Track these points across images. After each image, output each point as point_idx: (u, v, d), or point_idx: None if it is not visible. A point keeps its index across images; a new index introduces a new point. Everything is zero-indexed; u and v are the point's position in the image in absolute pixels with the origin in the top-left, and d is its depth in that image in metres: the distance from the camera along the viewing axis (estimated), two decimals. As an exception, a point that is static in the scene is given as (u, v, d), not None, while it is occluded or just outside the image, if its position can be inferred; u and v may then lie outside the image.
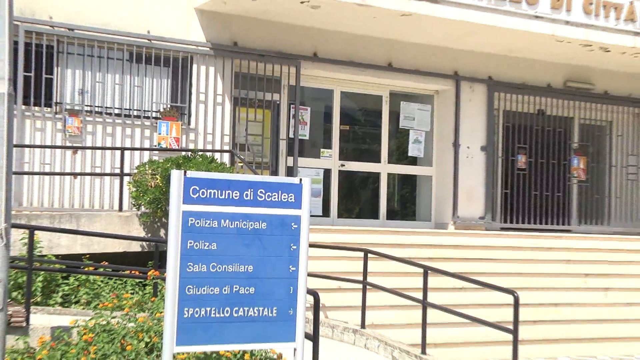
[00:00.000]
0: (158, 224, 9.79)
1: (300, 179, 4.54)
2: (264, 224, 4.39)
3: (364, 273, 9.12)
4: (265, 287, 4.38)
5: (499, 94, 13.81)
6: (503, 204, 14.07)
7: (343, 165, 13.02)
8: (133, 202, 9.87)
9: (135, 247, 9.59)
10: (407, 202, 14.13)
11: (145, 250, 9.58)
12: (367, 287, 9.11)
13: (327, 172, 12.90)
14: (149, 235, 9.74)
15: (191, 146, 11.08)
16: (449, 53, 13.26)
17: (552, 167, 14.49)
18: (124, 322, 6.08)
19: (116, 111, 10.89)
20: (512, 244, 12.25)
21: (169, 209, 4.16)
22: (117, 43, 10.80)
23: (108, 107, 10.85)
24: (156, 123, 11.04)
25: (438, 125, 13.72)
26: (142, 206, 9.68)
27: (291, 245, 4.46)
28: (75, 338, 6.10)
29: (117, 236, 9.25)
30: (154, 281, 7.81)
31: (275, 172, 12.08)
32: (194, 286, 4.20)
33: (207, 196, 4.25)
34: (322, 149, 12.98)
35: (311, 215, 4.67)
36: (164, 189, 9.21)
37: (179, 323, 4.16)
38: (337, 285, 9.69)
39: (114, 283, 8.83)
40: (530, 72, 14.02)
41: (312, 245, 6.75)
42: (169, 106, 11.22)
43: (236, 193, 4.32)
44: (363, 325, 8.98)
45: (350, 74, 12.61)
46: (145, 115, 11.06)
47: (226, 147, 11.43)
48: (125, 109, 10.94)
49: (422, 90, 13.68)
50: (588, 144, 15.17)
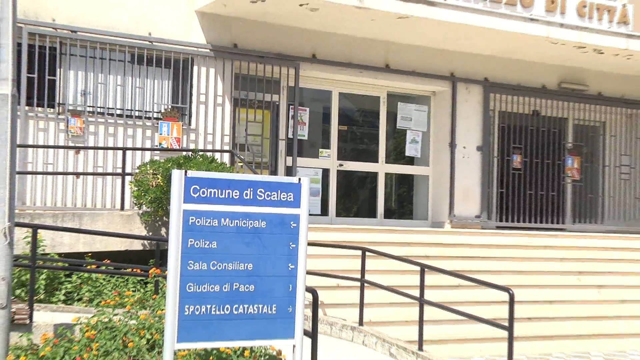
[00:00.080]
0: (159, 222, 9.79)
1: (299, 179, 4.54)
2: (264, 223, 4.39)
3: (362, 271, 9.11)
4: (264, 284, 4.38)
5: (494, 95, 13.82)
6: (499, 203, 14.08)
7: (341, 165, 13.01)
8: (135, 202, 9.88)
9: (136, 245, 9.59)
10: (405, 201, 14.12)
11: (147, 249, 9.58)
12: (365, 284, 9.10)
13: (325, 172, 12.89)
14: (150, 233, 9.74)
15: (192, 146, 11.08)
16: (446, 55, 13.26)
17: (546, 166, 14.50)
18: (126, 320, 6.08)
19: (118, 112, 10.88)
20: (507, 243, 12.25)
21: (170, 208, 4.16)
22: (118, 45, 10.79)
23: (110, 108, 10.85)
24: (157, 123, 11.04)
25: (435, 126, 13.72)
26: (144, 205, 9.69)
27: (290, 243, 4.46)
28: (77, 335, 6.10)
29: (119, 235, 9.27)
30: (155, 279, 7.82)
31: (274, 172, 12.07)
32: (195, 284, 4.20)
33: (208, 195, 4.25)
34: (320, 149, 12.97)
35: (310, 214, 4.68)
36: (165, 189, 9.21)
37: (179, 320, 4.16)
38: (336, 283, 9.69)
39: (116, 281, 8.83)
40: (525, 74, 14.02)
41: (310, 244, 6.75)
42: (170, 107, 11.21)
43: (236, 192, 4.33)
44: (361, 323, 8.98)
45: (348, 75, 12.61)
46: (147, 115, 11.05)
47: (226, 147, 11.42)
48: (127, 109, 10.93)
49: (419, 92, 13.68)
50: (582, 144, 15.18)
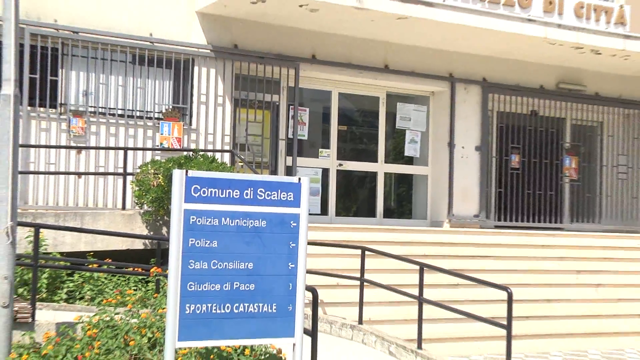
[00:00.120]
0: (160, 222, 9.79)
1: (299, 178, 4.53)
2: (264, 222, 4.38)
3: (362, 270, 9.11)
4: (265, 283, 4.37)
5: (493, 95, 13.81)
6: (497, 203, 14.08)
7: (341, 164, 13.01)
8: (136, 201, 9.88)
9: (138, 244, 9.58)
10: (404, 200, 14.12)
11: (148, 248, 9.58)
12: (365, 283, 9.10)
13: (325, 172, 12.89)
14: (151, 233, 9.74)
15: (192, 146, 11.08)
16: (444, 55, 13.25)
17: (544, 166, 14.50)
18: (127, 318, 6.07)
19: (119, 112, 10.88)
20: (505, 242, 12.25)
21: (171, 208, 4.16)
22: (120, 45, 10.79)
23: (111, 108, 10.84)
24: (158, 123, 11.04)
25: (433, 126, 13.72)
26: (145, 205, 9.69)
27: (290, 243, 4.46)
28: (79, 333, 6.09)
29: (120, 234, 9.28)
30: (156, 278, 7.82)
31: (274, 172, 12.07)
32: (196, 283, 4.20)
33: (208, 195, 4.24)
34: (320, 149, 12.97)
35: (310, 214, 4.68)
36: (166, 188, 9.21)
37: (180, 319, 4.15)
38: (335, 282, 9.69)
39: (118, 280, 8.83)
40: (523, 74, 14.02)
41: (310, 243, 6.75)
42: (170, 107, 11.21)
43: (236, 192, 4.32)
44: (360, 321, 8.98)
45: (348, 75, 12.60)
46: (148, 116, 11.05)
47: (227, 147, 11.42)
48: (128, 109, 10.93)
49: (418, 92, 13.68)
50: (580, 144, 15.18)
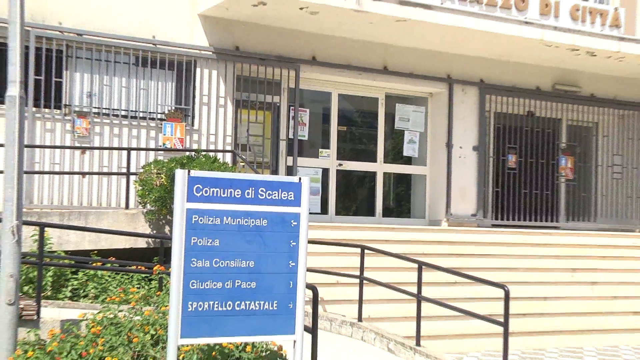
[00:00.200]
0: (163, 221, 9.79)
1: (300, 178, 4.54)
2: (265, 221, 4.39)
3: (361, 268, 9.11)
4: (266, 281, 4.38)
5: (490, 96, 13.80)
6: (494, 202, 14.08)
7: (341, 164, 13.01)
8: (139, 200, 9.87)
9: (141, 243, 9.58)
10: (402, 200, 14.12)
11: (151, 247, 9.57)
12: (364, 281, 9.10)
13: (325, 172, 12.89)
14: (154, 232, 9.73)
15: (195, 146, 11.08)
16: (443, 57, 13.25)
17: (541, 166, 14.50)
18: (131, 316, 6.07)
19: (123, 113, 10.87)
20: (503, 240, 12.24)
21: (173, 207, 4.16)
22: (123, 47, 10.79)
23: (115, 109, 10.84)
24: (161, 124, 11.04)
25: (432, 126, 13.71)
26: (148, 204, 9.69)
27: (291, 241, 4.46)
28: (84, 331, 6.09)
29: (123, 233, 9.28)
30: (159, 276, 7.80)
31: (275, 172, 12.07)
32: (198, 281, 4.20)
33: (210, 194, 4.25)
34: (320, 149, 12.97)
35: (310, 213, 4.68)
36: (168, 188, 9.21)
37: (183, 316, 4.16)
38: (335, 280, 9.69)
39: (121, 278, 8.82)
40: (520, 76, 14.02)
41: (311, 242, 6.75)
42: (173, 108, 11.21)
43: (238, 191, 4.32)
44: (360, 319, 8.98)
45: (347, 77, 12.60)
46: (151, 116, 11.05)
47: (228, 148, 11.42)
48: (132, 110, 10.93)
49: (417, 93, 13.68)
50: (575, 145, 15.18)
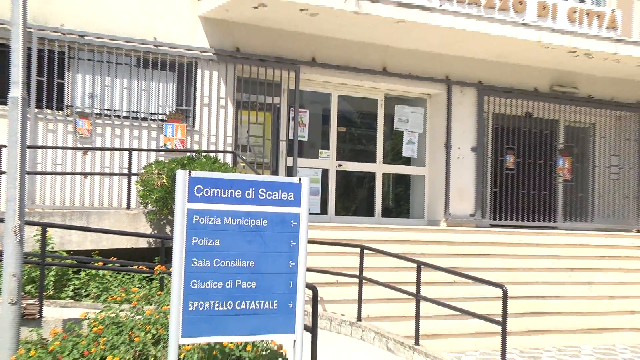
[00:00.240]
0: (164, 221, 9.79)
1: (300, 179, 4.53)
2: (265, 221, 4.39)
3: (360, 268, 9.11)
4: (266, 281, 4.38)
5: (488, 97, 13.81)
6: (492, 202, 14.08)
7: (340, 165, 13.01)
8: (140, 201, 9.87)
9: (142, 243, 9.58)
10: (402, 200, 14.11)
11: (152, 247, 9.57)
12: (363, 281, 9.10)
13: (325, 172, 12.89)
14: (155, 232, 9.73)
15: (195, 147, 11.07)
16: (441, 58, 13.25)
17: (538, 167, 14.50)
18: (132, 315, 6.07)
19: (124, 114, 10.87)
20: (501, 240, 12.25)
21: (174, 207, 4.16)
22: (125, 49, 10.79)
23: (116, 110, 10.84)
24: (162, 125, 11.04)
25: (430, 127, 13.72)
26: (149, 204, 9.69)
27: (291, 241, 4.46)
28: (85, 330, 6.09)
29: (125, 233, 9.28)
30: (160, 276, 7.80)
31: (275, 172, 12.07)
32: (198, 280, 4.20)
33: (211, 195, 4.25)
34: (320, 150, 12.97)
35: (310, 213, 4.68)
36: (169, 188, 9.21)
37: (184, 316, 4.15)
38: (335, 280, 9.69)
39: (122, 277, 8.82)
40: (518, 77, 14.02)
41: (310, 242, 6.74)
42: (174, 109, 11.21)
43: (238, 192, 4.32)
44: (359, 318, 8.97)
45: (347, 78, 12.60)
46: (152, 117, 11.05)
47: (229, 148, 11.42)
48: (133, 111, 10.93)
49: (416, 94, 13.68)
50: (573, 145, 15.18)
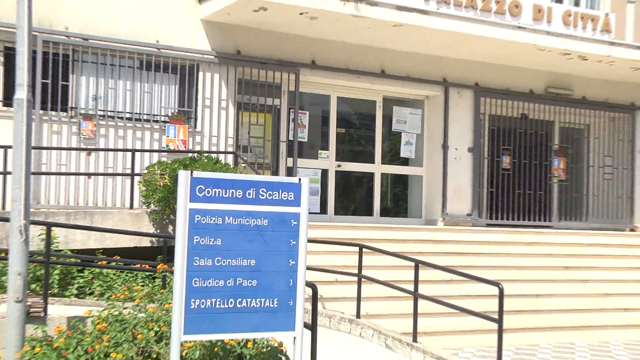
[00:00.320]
0: (166, 220, 9.79)
1: (300, 179, 4.54)
2: (266, 221, 4.39)
3: (359, 266, 9.11)
4: (266, 279, 4.38)
5: (484, 99, 13.81)
6: (489, 202, 14.07)
7: (339, 165, 13.01)
8: (143, 201, 9.87)
9: (145, 242, 9.58)
10: (400, 200, 14.12)
11: (155, 246, 9.57)
12: (362, 279, 9.09)
13: (324, 172, 12.89)
14: (158, 231, 9.73)
15: (197, 148, 11.08)
16: (439, 61, 13.25)
17: (534, 167, 14.50)
18: (135, 313, 6.07)
19: (127, 115, 10.87)
20: (497, 239, 12.25)
21: (176, 207, 4.16)
22: (128, 52, 10.79)
23: (120, 112, 10.84)
24: (164, 126, 11.04)
25: (428, 128, 13.72)
26: (152, 204, 9.68)
27: (291, 240, 4.46)
28: (89, 327, 6.09)
29: (128, 232, 9.27)
30: (162, 274, 7.79)
31: (275, 172, 12.07)
32: (200, 279, 4.20)
33: (212, 195, 4.25)
34: (319, 151, 12.97)
35: (310, 213, 4.68)
36: (172, 188, 9.21)
37: (186, 313, 4.16)
38: (334, 278, 9.68)
39: (126, 276, 8.81)
40: (514, 79, 14.02)
41: (310, 241, 6.73)
42: (176, 111, 11.21)
43: (239, 192, 4.33)
44: (358, 315, 8.97)
45: (346, 80, 12.60)
46: (155, 119, 11.05)
47: (230, 149, 11.42)
48: (136, 113, 10.92)
49: (413, 96, 13.68)
50: (568, 146, 15.18)
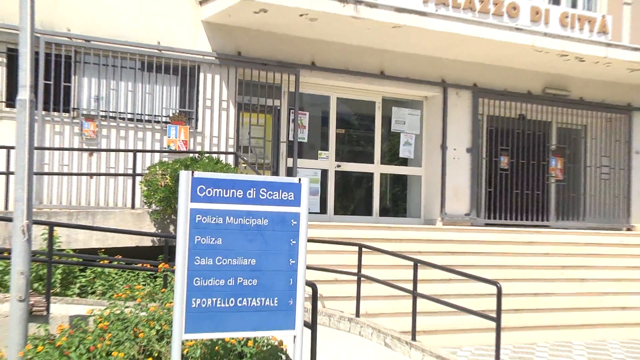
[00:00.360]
0: (168, 220, 9.79)
1: (299, 179, 4.54)
2: (266, 221, 4.39)
3: (359, 266, 9.11)
4: (267, 279, 4.38)
5: (483, 100, 13.82)
6: (487, 202, 14.08)
7: (339, 166, 13.01)
8: (144, 201, 9.87)
9: (146, 242, 9.58)
10: (399, 200, 14.12)
11: (156, 245, 9.57)
12: (362, 279, 9.09)
13: (324, 173, 12.90)
14: (159, 231, 9.73)
15: (198, 148, 11.08)
16: (437, 62, 13.25)
17: (532, 167, 14.50)
18: (137, 312, 6.07)
19: (129, 116, 10.87)
20: (495, 239, 12.25)
21: (177, 207, 4.16)
22: (129, 53, 10.80)
23: (121, 113, 10.84)
24: (166, 127, 11.04)
25: (427, 129, 13.72)
26: (153, 204, 9.68)
27: (291, 240, 4.46)
28: (91, 326, 6.09)
29: (130, 232, 9.26)
30: (164, 273, 7.80)
31: (276, 173, 12.07)
32: (201, 278, 4.21)
33: (213, 195, 4.25)
34: (319, 151, 12.97)
35: (309, 212, 4.68)
36: (173, 188, 9.21)
37: (187, 312, 4.16)
38: (334, 277, 9.68)
39: (127, 275, 8.81)
40: (512, 80, 14.03)
41: (310, 240, 6.74)
42: (177, 111, 11.21)
43: (240, 192, 4.33)
44: (358, 314, 8.97)
45: (345, 81, 12.60)
46: (156, 119, 11.06)
47: (230, 150, 11.42)
48: (137, 114, 10.93)
49: (412, 97, 13.68)
50: (565, 146, 15.18)
